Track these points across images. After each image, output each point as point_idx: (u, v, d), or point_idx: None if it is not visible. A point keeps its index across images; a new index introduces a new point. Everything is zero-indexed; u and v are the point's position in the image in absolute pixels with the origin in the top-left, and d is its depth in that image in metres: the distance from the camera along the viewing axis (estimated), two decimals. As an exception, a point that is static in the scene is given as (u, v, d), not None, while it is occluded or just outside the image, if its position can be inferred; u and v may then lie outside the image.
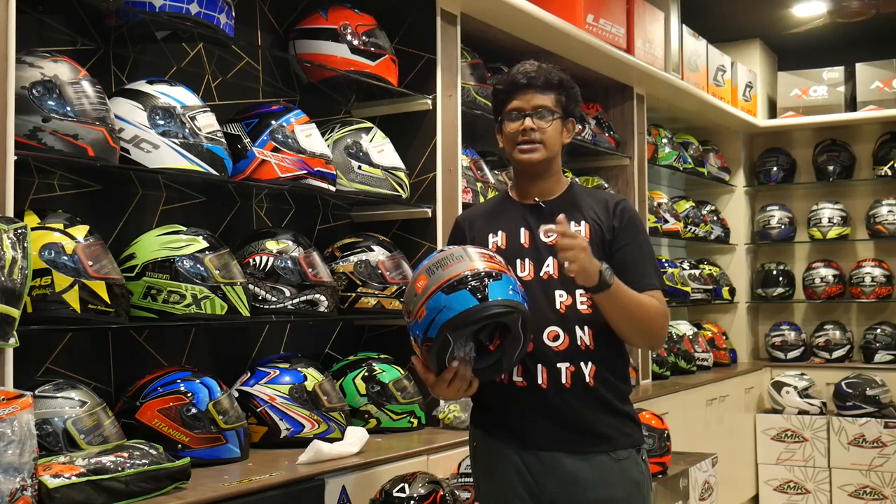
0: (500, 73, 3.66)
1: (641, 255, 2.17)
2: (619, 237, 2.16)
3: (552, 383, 2.08)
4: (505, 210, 2.24)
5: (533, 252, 2.14)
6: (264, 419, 2.62)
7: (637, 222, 2.21)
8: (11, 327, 1.82)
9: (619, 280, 2.04)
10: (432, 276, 1.93)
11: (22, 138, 2.01)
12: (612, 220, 2.17)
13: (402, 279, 2.96)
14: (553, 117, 2.15)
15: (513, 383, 2.11)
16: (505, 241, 2.17)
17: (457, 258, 1.96)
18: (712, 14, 5.40)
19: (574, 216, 2.16)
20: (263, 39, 3.04)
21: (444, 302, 1.89)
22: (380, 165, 2.96)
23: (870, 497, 5.29)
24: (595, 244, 2.10)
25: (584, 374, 2.09)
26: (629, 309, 2.06)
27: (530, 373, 2.10)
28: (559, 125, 2.17)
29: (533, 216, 2.18)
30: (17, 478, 1.74)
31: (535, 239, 2.15)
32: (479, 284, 1.90)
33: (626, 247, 2.15)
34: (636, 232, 2.18)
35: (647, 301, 2.09)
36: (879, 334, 5.66)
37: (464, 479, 2.63)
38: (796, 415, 5.50)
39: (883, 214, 5.68)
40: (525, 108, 2.15)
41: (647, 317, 2.09)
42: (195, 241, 2.41)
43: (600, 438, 2.10)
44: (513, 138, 2.16)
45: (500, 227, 2.19)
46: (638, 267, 2.14)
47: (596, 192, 2.31)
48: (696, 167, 5.47)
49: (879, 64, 5.72)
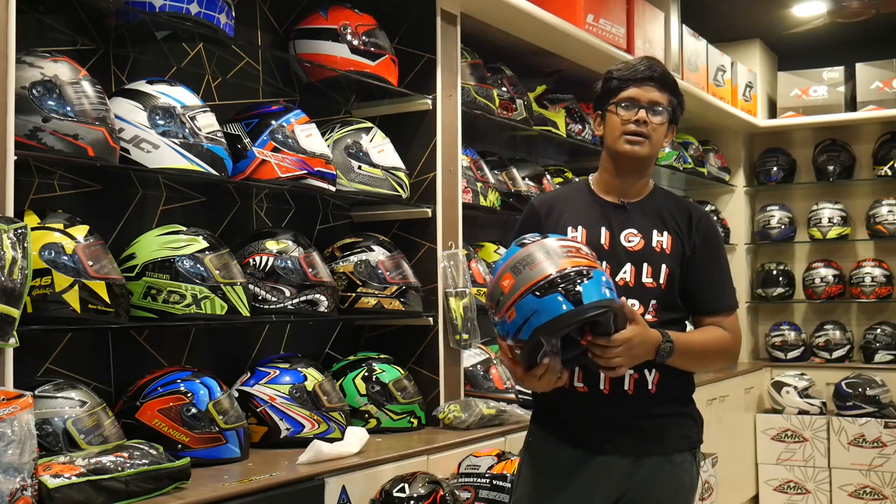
0: (500, 73, 3.67)
1: (720, 274, 2.17)
2: (699, 254, 2.14)
3: (614, 390, 2.07)
4: (585, 203, 2.19)
5: (612, 255, 2.09)
6: (264, 419, 2.62)
7: (718, 239, 2.21)
8: (11, 327, 1.82)
9: (695, 297, 2.10)
10: (519, 276, 1.86)
11: (22, 138, 2.00)
12: (693, 234, 2.14)
13: (402, 279, 2.96)
14: (665, 117, 2.13)
15: (574, 388, 2.09)
16: (584, 239, 2.11)
17: (544, 255, 1.87)
18: (712, 14, 5.40)
19: (656, 224, 2.14)
20: (263, 39, 3.04)
21: (535, 306, 1.82)
22: (380, 165, 2.96)
23: (870, 497, 5.28)
24: (675, 258, 2.10)
25: (648, 381, 2.07)
26: (694, 359, 2.09)
27: (592, 378, 2.07)
28: (666, 127, 2.15)
29: (615, 216, 2.14)
30: (17, 478, 1.74)
31: (614, 241, 2.12)
32: (571, 287, 1.82)
33: (705, 265, 2.14)
34: (716, 250, 2.19)
35: (711, 341, 2.11)
36: (879, 334, 5.65)
37: (464, 479, 2.63)
38: (796, 415, 5.50)
39: (883, 214, 5.68)
40: (641, 100, 2.11)
41: (714, 357, 2.14)
42: (195, 241, 2.40)
43: (657, 441, 2.09)
44: (621, 128, 2.11)
45: (580, 222, 2.14)
46: (716, 287, 2.14)
47: (679, 200, 2.25)
48: (696, 167, 5.46)
49: (879, 64, 5.72)
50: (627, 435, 2.08)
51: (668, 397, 2.09)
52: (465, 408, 3.02)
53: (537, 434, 2.21)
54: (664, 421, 2.10)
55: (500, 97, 3.56)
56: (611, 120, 2.14)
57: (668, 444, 2.10)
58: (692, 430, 2.16)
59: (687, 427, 2.15)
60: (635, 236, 2.12)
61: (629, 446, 2.08)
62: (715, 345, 2.11)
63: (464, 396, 3.19)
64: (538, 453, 2.19)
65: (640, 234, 2.13)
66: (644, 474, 2.07)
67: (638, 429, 2.08)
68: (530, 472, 2.20)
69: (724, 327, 2.14)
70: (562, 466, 2.11)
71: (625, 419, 2.07)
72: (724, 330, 2.14)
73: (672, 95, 2.15)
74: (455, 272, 3.16)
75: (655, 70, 2.14)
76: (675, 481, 2.10)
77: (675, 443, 2.11)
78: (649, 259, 2.10)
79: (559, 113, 4.03)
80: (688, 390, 2.18)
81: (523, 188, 3.73)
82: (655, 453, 2.09)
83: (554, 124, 3.99)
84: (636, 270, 2.08)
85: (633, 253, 2.10)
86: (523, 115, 3.70)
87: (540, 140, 4.28)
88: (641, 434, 2.08)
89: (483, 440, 2.92)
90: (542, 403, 2.22)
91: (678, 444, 2.12)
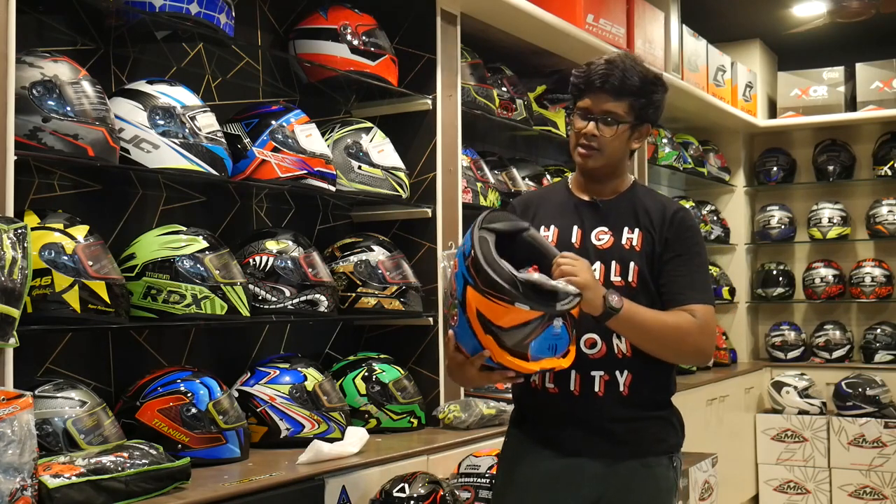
0: (500, 73, 3.67)
1: (689, 268, 2.07)
2: (669, 248, 2.08)
3: (584, 391, 2.04)
4: (561, 203, 2.18)
5: (582, 254, 2.04)
6: (264, 419, 2.62)
7: (692, 234, 2.12)
8: (11, 327, 1.82)
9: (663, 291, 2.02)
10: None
11: (22, 138, 2.00)
12: (665, 229, 2.08)
13: (402, 279, 2.96)
14: (619, 126, 2.06)
15: (545, 389, 2.08)
16: (556, 238, 2.11)
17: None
18: (712, 14, 5.40)
19: (628, 221, 2.10)
20: (263, 39, 3.04)
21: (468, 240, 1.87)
22: (380, 165, 2.96)
23: (870, 497, 5.28)
24: (644, 255, 2.06)
25: (619, 382, 2.04)
26: (647, 331, 1.98)
27: (563, 379, 2.05)
28: (626, 133, 2.09)
29: (588, 214, 2.13)
30: (17, 478, 1.74)
31: (585, 239, 2.10)
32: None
33: (675, 259, 2.07)
34: (689, 244, 2.09)
35: (671, 320, 2.01)
36: (879, 334, 5.65)
37: (464, 479, 2.63)
38: (796, 415, 5.50)
39: (883, 214, 5.68)
40: (593, 110, 2.07)
41: (672, 337, 2.00)
42: (195, 241, 2.40)
43: (630, 445, 2.06)
44: (575, 137, 2.10)
45: (552, 221, 2.13)
46: (681, 280, 2.05)
47: (657, 197, 2.20)
48: (696, 167, 5.47)
49: (879, 64, 5.72)
50: (599, 438, 2.05)
51: (640, 400, 2.06)
52: (465, 408, 3.02)
53: (513, 435, 2.21)
54: (637, 424, 2.06)
55: (500, 97, 3.56)
56: (572, 126, 2.13)
57: (643, 448, 2.07)
58: (669, 433, 2.12)
59: (663, 431, 2.11)
60: (605, 234, 2.10)
61: (602, 449, 2.05)
62: (675, 325, 2.00)
63: (464, 396, 3.19)
64: (513, 453, 2.18)
65: (611, 231, 2.10)
66: (619, 479, 2.05)
67: (610, 431, 2.05)
68: (506, 472, 2.19)
69: (693, 315, 2.03)
70: (536, 467, 2.10)
71: (596, 421, 2.04)
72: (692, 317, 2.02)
73: (634, 99, 2.06)
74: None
75: (610, 78, 2.04)
76: (650, 485, 2.07)
77: (650, 447, 2.08)
78: (618, 257, 2.07)
79: (559, 113, 4.03)
80: (663, 393, 2.13)
81: (523, 188, 3.73)
82: (630, 457, 2.05)
83: (554, 124, 3.99)
84: (605, 268, 2.06)
85: (603, 251, 2.07)
86: (523, 115, 3.70)
87: (540, 140, 4.29)
88: (614, 437, 2.05)
89: (483, 440, 2.92)
90: (518, 404, 2.22)
91: (653, 448, 2.08)
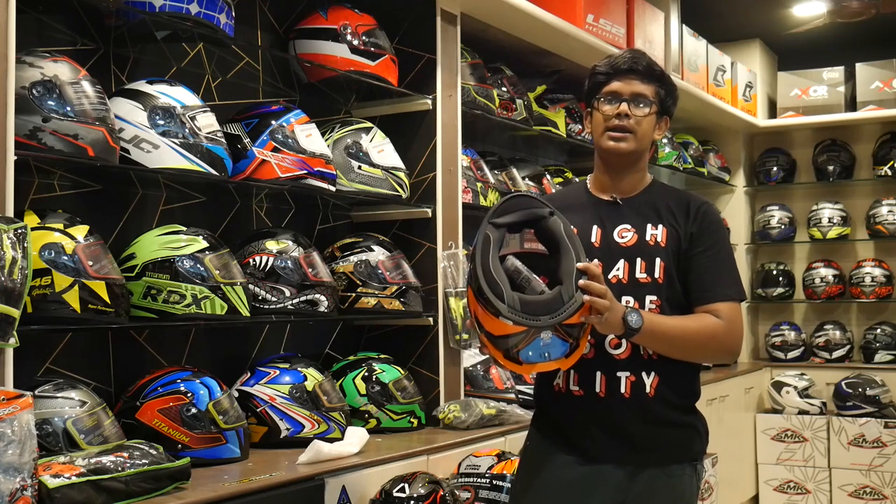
0: (500, 73, 3.67)
1: (716, 264, 2.03)
2: (696, 243, 2.04)
3: (610, 392, 2.01)
4: (580, 203, 2.14)
5: (605, 252, 2.03)
6: (264, 419, 2.62)
7: (717, 228, 2.09)
8: (11, 327, 1.82)
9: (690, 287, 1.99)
10: None
11: (22, 138, 2.00)
12: (690, 224, 2.06)
13: (402, 279, 2.96)
14: (650, 109, 2.05)
15: (570, 391, 2.04)
16: None
17: None
18: (712, 14, 5.40)
19: (651, 218, 2.07)
20: (263, 39, 3.04)
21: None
22: (380, 165, 2.96)
23: (870, 497, 5.28)
24: (670, 250, 2.03)
25: (646, 384, 2.00)
26: (671, 341, 1.97)
27: (588, 381, 2.02)
28: (654, 119, 2.08)
29: (608, 213, 2.10)
30: (17, 478, 1.74)
31: (606, 238, 2.07)
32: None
33: (701, 254, 2.04)
34: (715, 239, 2.06)
35: (695, 326, 1.99)
36: (879, 334, 5.65)
37: (464, 480, 2.63)
38: (796, 415, 5.50)
39: (883, 214, 5.68)
40: (623, 93, 2.05)
41: (697, 342, 1.99)
42: (195, 241, 2.40)
43: (655, 452, 2.03)
44: (604, 124, 2.06)
45: (571, 222, 2.03)
46: (708, 277, 2.02)
47: (678, 193, 2.17)
48: (696, 167, 5.46)
49: (879, 64, 5.72)
50: (623, 442, 2.01)
51: (667, 403, 2.03)
52: (465, 408, 3.02)
53: (534, 438, 2.18)
54: (662, 430, 2.03)
55: (500, 97, 3.56)
56: (595, 116, 2.10)
57: (667, 455, 2.04)
58: (694, 440, 2.08)
59: (688, 437, 2.08)
60: (629, 231, 2.07)
61: (625, 456, 2.02)
62: (698, 330, 1.98)
63: (464, 396, 3.19)
64: (533, 458, 2.15)
65: (634, 229, 2.07)
66: (641, 487, 2.02)
67: (634, 435, 2.01)
68: (525, 477, 2.17)
69: (718, 316, 2.01)
70: (556, 473, 2.07)
71: (620, 424, 2.01)
72: (718, 318, 2.01)
73: (659, 86, 2.08)
74: (455, 272, 3.16)
75: (638, 62, 2.07)
76: (673, 494, 2.04)
77: (674, 454, 2.05)
78: (643, 254, 2.04)
79: (559, 113, 4.03)
80: (690, 398, 2.10)
81: (523, 188, 3.74)
82: (652, 465, 2.02)
83: (554, 124, 3.99)
84: (629, 266, 2.03)
85: (627, 249, 2.05)
86: (523, 115, 3.70)
87: (540, 140, 4.28)
88: (637, 441, 2.01)
89: (483, 440, 2.92)
90: (540, 407, 2.19)
91: (677, 456, 2.05)
